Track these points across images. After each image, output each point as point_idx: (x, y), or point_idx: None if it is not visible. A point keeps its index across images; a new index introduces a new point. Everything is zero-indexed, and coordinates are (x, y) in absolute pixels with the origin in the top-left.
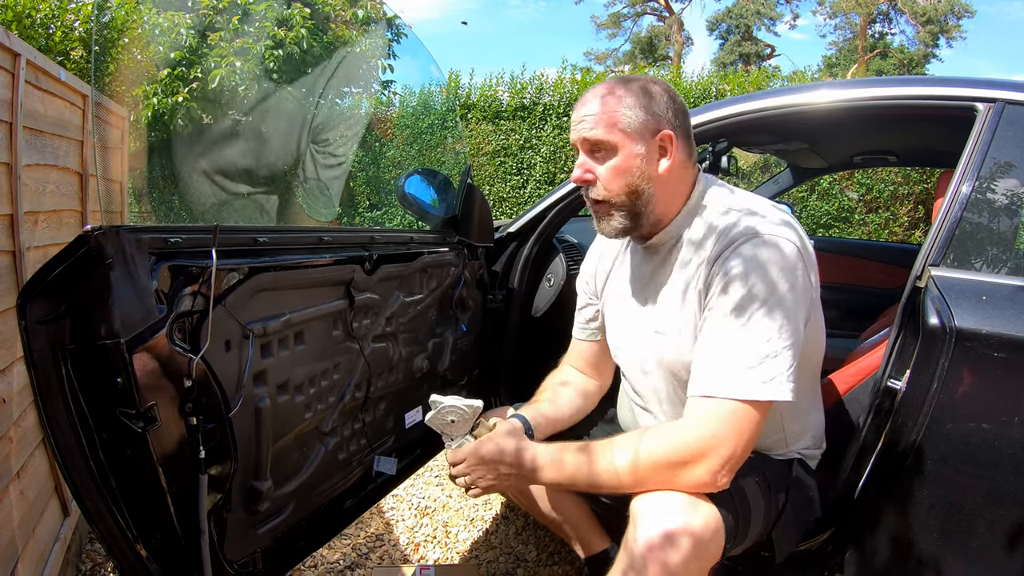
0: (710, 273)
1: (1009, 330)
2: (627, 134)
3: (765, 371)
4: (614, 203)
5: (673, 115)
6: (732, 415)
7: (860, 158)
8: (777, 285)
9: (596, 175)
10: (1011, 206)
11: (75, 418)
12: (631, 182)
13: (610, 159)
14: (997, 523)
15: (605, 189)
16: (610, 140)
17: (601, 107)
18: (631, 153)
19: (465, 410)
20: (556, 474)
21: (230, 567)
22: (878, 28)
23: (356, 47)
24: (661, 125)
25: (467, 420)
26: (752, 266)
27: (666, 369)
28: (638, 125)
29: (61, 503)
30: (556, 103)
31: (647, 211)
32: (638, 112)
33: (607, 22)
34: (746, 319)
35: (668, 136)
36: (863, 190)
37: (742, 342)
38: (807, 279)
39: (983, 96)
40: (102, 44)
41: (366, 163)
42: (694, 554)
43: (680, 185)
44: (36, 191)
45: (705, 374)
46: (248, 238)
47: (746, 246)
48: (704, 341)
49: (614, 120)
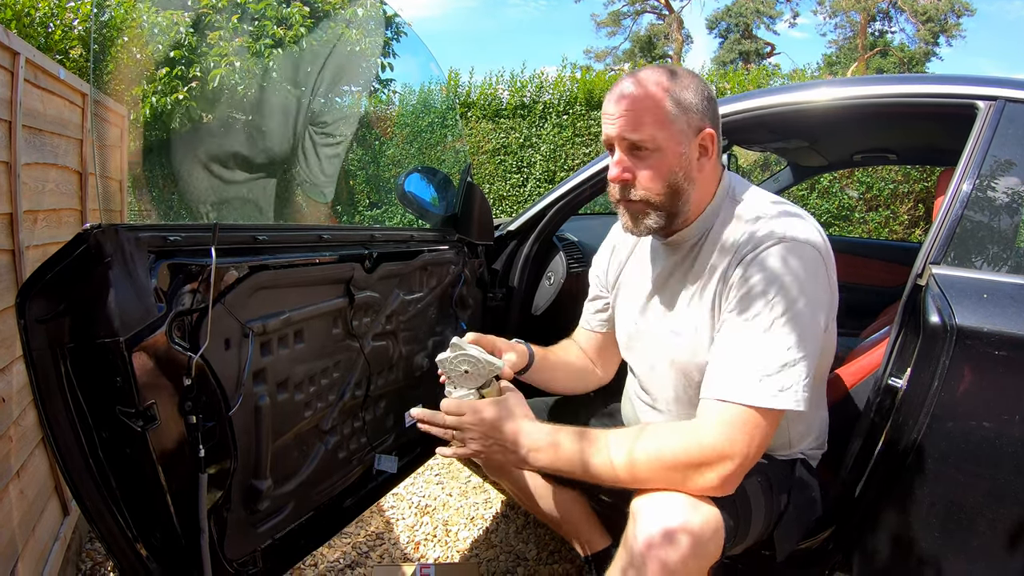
0: (733, 274)
1: (1010, 328)
2: (672, 134)
3: (783, 380)
4: (653, 203)
5: (712, 111)
6: (746, 422)
7: (860, 156)
8: (801, 292)
9: (635, 175)
10: (1012, 204)
11: (74, 417)
12: (674, 183)
13: (652, 159)
14: (998, 522)
15: (645, 189)
16: (655, 140)
17: (645, 103)
18: (675, 153)
19: (485, 364)
20: (551, 459)
21: (230, 566)
22: (878, 26)
23: (355, 46)
24: (704, 123)
25: (480, 377)
26: (777, 271)
27: (678, 369)
28: (683, 124)
29: (61, 502)
30: (556, 101)
31: (683, 211)
32: (684, 110)
33: (607, 20)
34: (768, 325)
35: (711, 135)
36: (863, 188)
37: (762, 348)
38: (829, 286)
39: (984, 94)
40: (101, 43)
41: (366, 161)
42: (693, 553)
43: (711, 184)
44: (35, 190)
45: (721, 377)
46: (248, 236)
47: (772, 250)
48: (722, 343)
49: (659, 119)
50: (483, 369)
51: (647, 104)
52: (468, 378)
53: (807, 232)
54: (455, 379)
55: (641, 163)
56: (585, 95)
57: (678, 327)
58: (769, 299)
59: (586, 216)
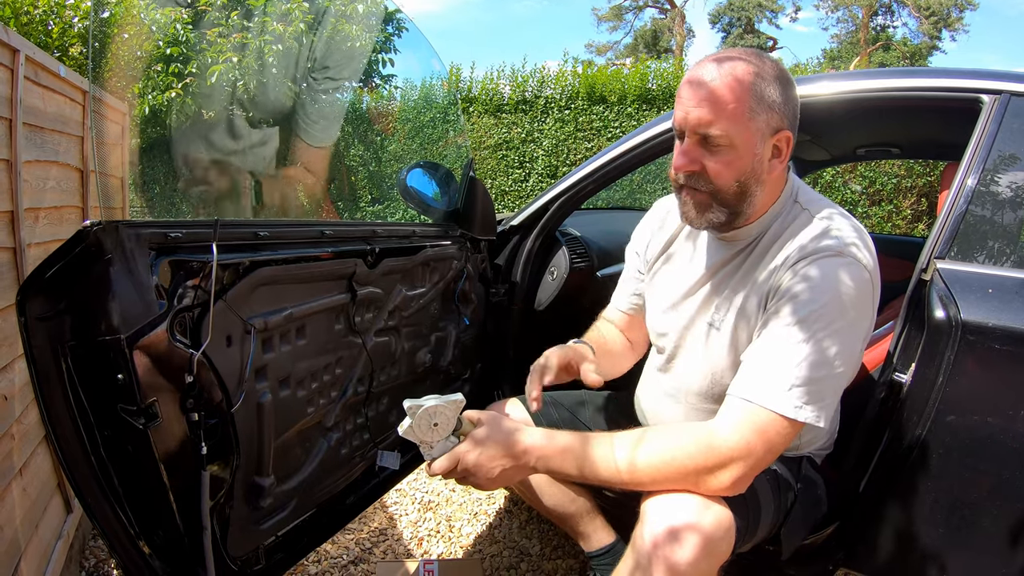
0: (784, 278)
1: (1015, 323)
2: (749, 132)
3: (811, 393)
4: (719, 198)
5: (792, 111)
6: (767, 426)
7: (863, 150)
8: (847, 309)
9: (704, 167)
10: (1017, 198)
11: (76, 415)
12: (743, 181)
13: (724, 154)
14: (1002, 516)
15: (713, 183)
16: (729, 136)
17: (726, 95)
18: (750, 152)
19: (447, 406)
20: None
21: (233, 563)
22: (880, 21)
23: (356, 41)
24: (782, 123)
25: (451, 420)
26: (828, 283)
27: (708, 363)
28: (762, 123)
29: (64, 500)
30: (558, 96)
31: (747, 211)
32: (764, 107)
33: (608, 15)
34: (809, 335)
35: (787, 137)
36: (866, 183)
37: (798, 358)
38: (872, 312)
39: (988, 88)
40: (101, 39)
41: (367, 157)
42: (705, 553)
43: (779, 186)
44: (36, 187)
45: (752, 377)
46: (249, 232)
47: (827, 262)
48: (761, 344)
49: (738, 114)
50: (449, 412)
51: (728, 97)
52: (439, 430)
53: (863, 253)
54: (427, 439)
55: (711, 156)
56: (587, 90)
57: (718, 322)
58: (814, 310)
59: (589, 211)
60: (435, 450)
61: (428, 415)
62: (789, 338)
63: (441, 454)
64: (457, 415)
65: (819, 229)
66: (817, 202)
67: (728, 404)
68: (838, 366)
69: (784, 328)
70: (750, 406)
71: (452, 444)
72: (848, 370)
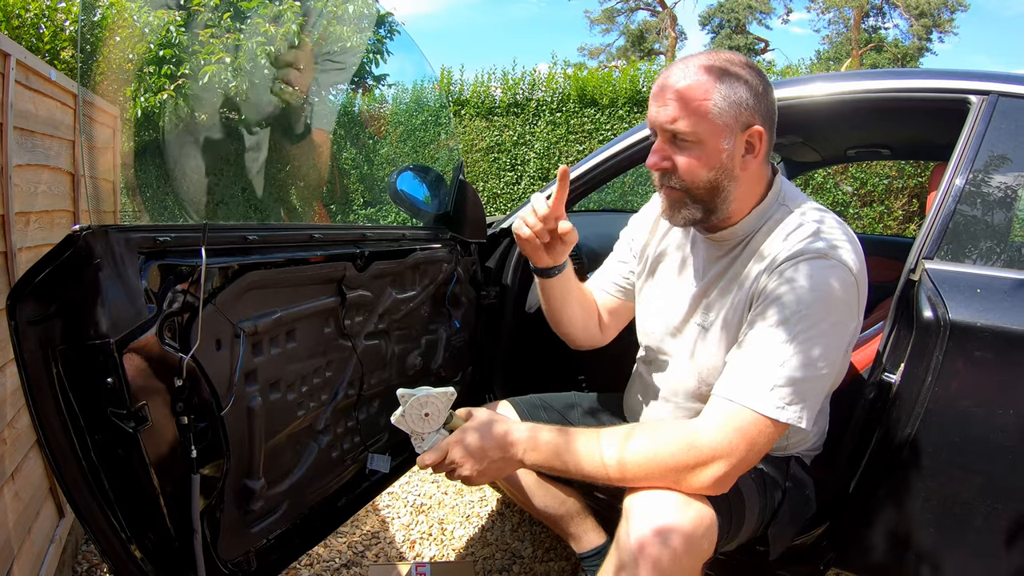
0: (769, 280)
1: (1003, 323)
2: (716, 127)
3: (793, 394)
4: (692, 194)
5: (766, 108)
6: (749, 426)
7: (854, 152)
8: (831, 311)
9: (675, 164)
10: (1005, 198)
11: (66, 419)
12: (713, 177)
13: (692, 150)
14: (992, 515)
15: (683, 180)
16: (695, 133)
17: (689, 93)
18: (717, 148)
19: (439, 396)
20: (544, 458)
21: (224, 566)
22: (871, 22)
23: (347, 43)
24: (753, 119)
25: (442, 411)
26: (813, 286)
27: (696, 364)
28: (729, 118)
29: (56, 504)
30: (549, 99)
31: (723, 208)
32: (731, 103)
33: (601, 17)
34: (792, 336)
35: (758, 132)
36: (857, 184)
37: (781, 359)
38: (858, 314)
39: (976, 88)
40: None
41: (358, 160)
42: (686, 551)
43: (758, 184)
44: (27, 191)
45: (735, 378)
46: (238, 236)
47: (812, 263)
48: (745, 344)
49: (703, 110)
50: (440, 402)
51: (691, 94)
52: (431, 420)
53: (850, 256)
54: (418, 429)
55: (680, 153)
56: (578, 92)
57: (707, 323)
58: (798, 311)
59: (580, 213)
60: (426, 443)
61: (420, 403)
62: (772, 339)
63: (431, 447)
64: (448, 406)
65: (806, 231)
66: (805, 204)
67: (711, 404)
68: (822, 367)
69: (768, 329)
70: (733, 406)
71: (442, 437)
72: (832, 372)
